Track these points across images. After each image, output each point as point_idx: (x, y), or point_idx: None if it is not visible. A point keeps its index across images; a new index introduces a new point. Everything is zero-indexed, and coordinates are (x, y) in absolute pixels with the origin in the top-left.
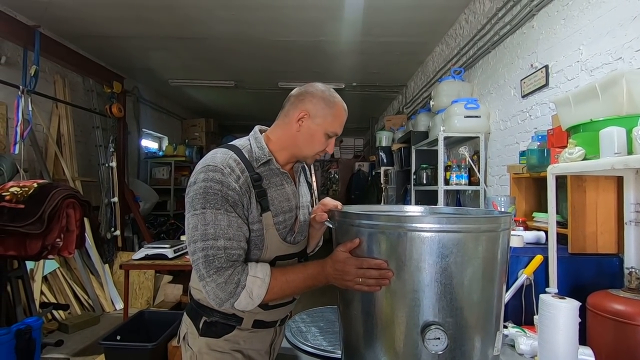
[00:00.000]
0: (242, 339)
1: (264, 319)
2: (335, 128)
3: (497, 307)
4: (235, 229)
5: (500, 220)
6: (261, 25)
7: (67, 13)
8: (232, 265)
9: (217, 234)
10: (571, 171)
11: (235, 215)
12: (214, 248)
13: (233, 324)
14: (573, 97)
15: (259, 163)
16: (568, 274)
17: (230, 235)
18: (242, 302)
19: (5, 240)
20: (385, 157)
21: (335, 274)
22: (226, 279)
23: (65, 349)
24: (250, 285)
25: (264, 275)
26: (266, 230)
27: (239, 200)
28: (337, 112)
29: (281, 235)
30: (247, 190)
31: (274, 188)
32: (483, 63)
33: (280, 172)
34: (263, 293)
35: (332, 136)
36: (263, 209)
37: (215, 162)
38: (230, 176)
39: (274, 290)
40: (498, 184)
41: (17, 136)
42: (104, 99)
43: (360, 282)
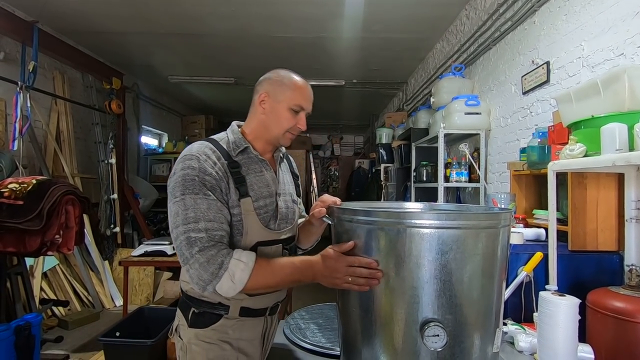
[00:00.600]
0: (230, 328)
1: (251, 306)
2: (298, 101)
3: (497, 304)
4: (215, 211)
5: (500, 217)
6: (261, 21)
7: (65, 8)
8: (214, 246)
9: (197, 216)
10: (572, 168)
11: (214, 199)
12: (195, 230)
13: (220, 312)
14: (574, 93)
15: (236, 151)
16: (568, 271)
17: (210, 217)
18: (224, 285)
19: (4, 236)
20: (386, 154)
21: (324, 270)
22: (209, 259)
23: (65, 345)
24: (233, 268)
25: (248, 260)
26: (245, 216)
27: (217, 185)
28: (295, 86)
29: (262, 220)
30: (224, 176)
31: (253, 174)
32: (484, 59)
33: (259, 160)
34: (245, 278)
35: (299, 111)
36: (241, 194)
37: (192, 151)
38: (207, 162)
39: (257, 277)
40: (498, 181)
41: (16, 132)
42: (104, 96)
43: (349, 281)
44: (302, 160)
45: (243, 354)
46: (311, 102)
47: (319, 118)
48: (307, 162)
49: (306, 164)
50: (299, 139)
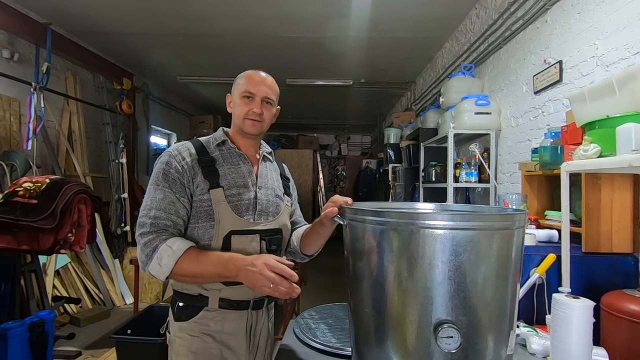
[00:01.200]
0: (211, 320)
1: (229, 296)
2: (246, 87)
3: (511, 306)
4: (168, 202)
5: (515, 218)
6: (269, 21)
7: (78, 10)
8: (155, 232)
9: (151, 205)
10: (586, 169)
11: (170, 191)
12: (146, 216)
13: (200, 304)
14: (588, 92)
15: (214, 144)
16: (581, 273)
17: (161, 207)
18: (154, 268)
19: (19, 234)
20: (393, 154)
21: (250, 268)
22: (146, 242)
23: (77, 342)
24: (161, 253)
25: (177, 248)
26: (216, 205)
27: (178, 178)
28: (244, 76)
29: (235, 209)
30: (189, 170)
31: (229, 166)
32: (494, 59)
33: (237, 153)
34: (171, 263)
35: (250, 96)
36: (212, 185)
37: (170, 149)
38: (175, 158)
39: (183, 264)
40: (509, 182)
41: (30, 132)
42: (114, 96)
43: (270, 287)
44: (309, 160)
45: (226, 347)
46: (263, 86)
47: (326, 118)
48: (314, 162)
49: (313, 164)
50: (305, 139)
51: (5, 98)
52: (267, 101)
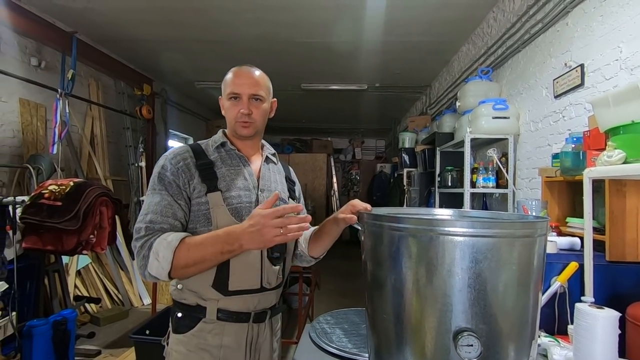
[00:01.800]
0: (209, 333)
1: (227, 307)
2: (230, 89)
3: (533, 315)
4: (164, 205)
5: (537, 226)
6: (285, 27)
7: (101, 18)
8: (150, 233)
9: (148, 209)
10: (610, 175)
11: (167, 194)
12: (143, 221)
13: (198, 315)
14: (612, 97)
15: (214, 146)
16: (605, 282)
17: (157, 210)
18: (153, 265)
19: (44, 235)
20: (408, 158)
21: (251, 230)
22: (142, 244)
23: (97, 340)
24: (157, 247)
25: (172, 238)
26: (213, 209)
27: (174, 181)
28: (228, 77)
29: (234, 212)
30: (185, 172)
31: (228, 168)
32: (512, 62)
33: (237, 155)
34: (169, 255)
35: (236, 97)
36: (209, 188)
37: (166, 153)
38: (172, 160)
39: (181, 253)
40: (528, 187)
41: (55, 137)
42: (134, 101)
43: (281, 233)
44: (323, 164)
45: None
46: (250, 84)
47: (340, 122)
48: (328, 166)
49: (327, 168)
50: (319, 143)
51: (32, 104)
52: (255, 98)
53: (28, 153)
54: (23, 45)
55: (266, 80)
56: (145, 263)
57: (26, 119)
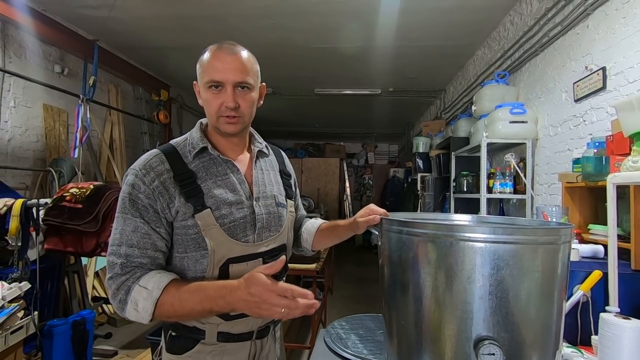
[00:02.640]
0: (208, 354)
1: (229, 330)
2: (210, 75)
3: (557, 324)
4: (141, 235)
5: (560, 232)
6: (300, 32)
7: (121, 27)
8: (127, 272)
9: (121, 240)
10: (635, 181)
11: (143, 222)
12: (116, 254)
13: (196, 337)
14: (637, 100)
15: (193, 153)
16: (630, 292)
17: (133, 242)
18: (132, 314)
19: (65, 237)
20: (422, 163)
21: (248, 298)
22: (118, 286)
23: (114, 341)
24: (135, 296)
25: (153, 287)
26: (206, 231)
27: (150, 205)
28: (205, 59)
29: (230, 232)
30: (161, 193)
31: (214, 180)
32: (530, 66)
33: (223, 160)
34: (149, 307)
35: (217, 86)
36: (196, 209)
37: (136, 164)
38: (145, 177)
39: (164, 307)
40: (547, 193)
41: (77, 141)
42: (152, 107)
43: (281, 313)
44: (336, 168)
45: None
46: (235, 70)
47: (353, 126)
48: (340, 171)
49: (340, 172)
50: (332, 147)
51: (55, 109)
52: (241, 86)
53: (50, 157)
54: (47, 53)
55: (254, 63)
56: (122, 307)
57: (49, 124)
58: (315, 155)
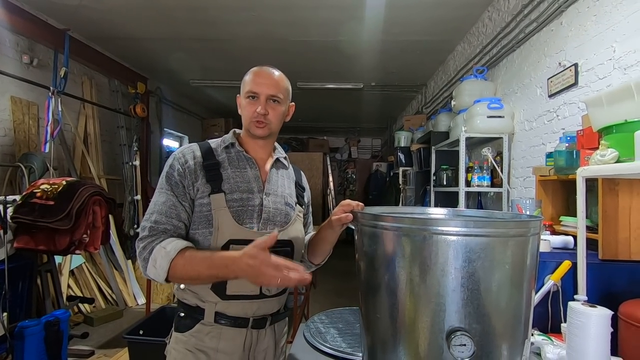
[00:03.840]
0: (206, 335)
1: (224, 311)
2: (248, 87)
3: (526, 314)
4: (169, 206)
5: (530, 225)
6: (281, 25)
7: (95, 16)
8: (154, 235)
9: (154, 209)
10: (603, 174)
11: (172, 195)
12: (148, 220)
13: (197, 316)
14: (606, 96)
15: (222, 147)
16: (598, 281)
17: (162, 211)
18: (151, 271)
19: (36, 235)
20: (404, 157)
21: (248, 269)
22: (144, 245)
23: (91, 341)
24: (155, 254)
25: (171, 248)
26: (216, 211)
27: (180, 182)
28: (248, 75)
29: (236, 216)
30: (190, 173)
31: (234, 170)
32: (507, 62)
33: (245, 157)
34: (165, 265)
35: (254, 96)
36: (213, 189)
37: (176, 151)
38: (179, 160)
39: (177, 267)
40: (522, 186)
41: (48, 135)
42: (128, 100)
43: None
44: (319, 163)
45: None
46: (270, 85)
47: (336, 121)
48: (324, 165)
49: (323, 167)
50: (316, 142)
51: (24, 102)
52: (273, 99)
53: (20, 152)
54: (15, 43)
55: (286, 83)
56: (145, 265)
57: (18, 117)
58: (298, 150)
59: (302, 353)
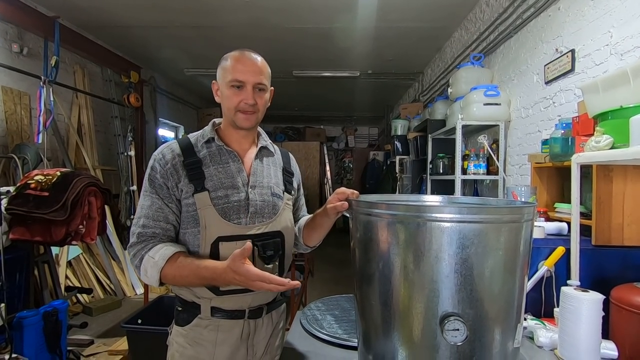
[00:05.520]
0: (204, 329)
1: (220, 305)
2: (233, 75)
3: (519, 299)
4: (155, 209)
5: (524, 211)
6: (275, 12)
7: (85, 3)
8: (144, 241)
9: (141, 213)
10: (598, 160)
11: (158, 197)
12: (136, 225)
13: (194, 311)
14: (601, 82)
15: (202, 142)
16: (591, 266)
17: (149, 215)
18: (144, 277)
19: (32, 226)
20: (401, 146)
21: (235, 281)
22: (134, 253)
23: (90, 330)
24: (145, 264)
25: (159, 257)
26: (201, 209)
27: (164, 184)
28: (229, 61)
29: (222, 212)
30: (172, 174)
31: (215, 166)
32: (504, 48)
33: (227, 151)
34: (155, 275)
35: (239, 85)
36: (196, 189)
37: (155, 152)
38: (160, 162)
39: (167, 277)
40: (518, 174)
41: (40, 126)
42: (122, 89)
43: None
44: (316, 152)
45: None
46: (255, 72)
47: (333, 110)
48: (321, 154)
49: (320, 156)
50: (312, 131)
51: (15, 92)
52: (259, 88)
53: (13, 143)
54: (3, 31)
55: (267, 68)
56: (138, 272)
57: (9, 108)
58: (295, 139)
59: (299, 340)
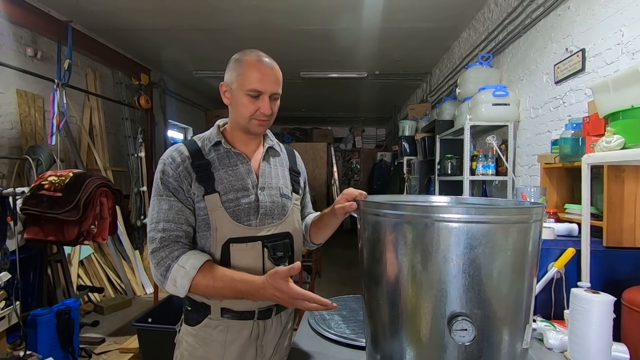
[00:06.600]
0: (214, 329)
1: (231, 307)
2: (251, 84)
3: (527, 300)
4: (175, 212)
5: (532, 211)
6: (283, 14)
7: (96, 7)
8: (167, 246)
9: (159, 217)
10: (609, 161)
11: (176, 200)
12: (155, 230)
13: (204, 311)
14: (612, 82)
15: (208, 146)
16: (602, 268)
17: (169, 218)
18: (170, 288)
19: (45, 226)
20: (408, 146)
21: (275, 298)
22: (159, 261)
23: (101, 329)
24: (174, 274)
25: (190, 267)
26: (212, 211)
27: (179, 186)
28: (246, 68)
29: (232, 214)
30: (185, 177)
31: (225, 169)
32: (513, 48)
33: (234, 153)
34: (186, 284)
35: (256, 95)
36: (206, 191)
37: (164, 156)
38: (171, 165)
39: (199, 287)
40: (527, 175)
41: (54, 128)
42: (132, 91)
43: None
44: (323, 153)
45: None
46: (273, 82)
47: (340, 110)
48: (328, 155)
49: (327, 157)
50: (319, 132)
51: (30, 95)
52: (275, 97)
53: (27, 144)
54: (18, 35)
55: (281, 74)
56: (163, 281)
57: (24, 110)
58: (302, 140)
59: (307, 339)
